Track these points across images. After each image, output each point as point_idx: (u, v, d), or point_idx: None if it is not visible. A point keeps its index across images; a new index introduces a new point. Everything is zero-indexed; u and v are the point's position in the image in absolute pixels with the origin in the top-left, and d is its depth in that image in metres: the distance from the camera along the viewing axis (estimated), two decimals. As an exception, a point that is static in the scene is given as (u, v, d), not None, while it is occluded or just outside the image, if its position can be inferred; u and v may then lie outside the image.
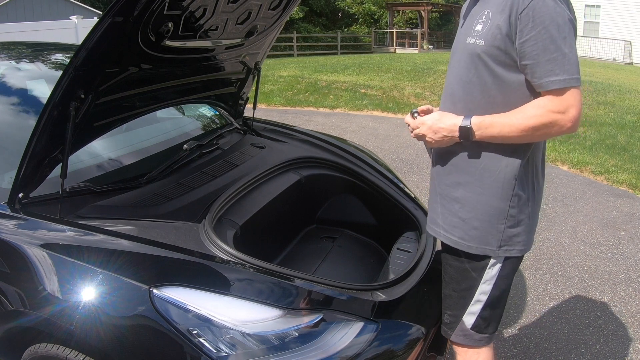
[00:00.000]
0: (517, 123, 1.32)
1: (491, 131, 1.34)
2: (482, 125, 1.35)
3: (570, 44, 1.26)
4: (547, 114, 1.29)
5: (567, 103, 1.27)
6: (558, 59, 1.25)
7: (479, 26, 1.36)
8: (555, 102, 1.28)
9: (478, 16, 1.38)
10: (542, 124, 1.29)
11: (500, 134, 1.34)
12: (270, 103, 8.54)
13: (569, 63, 1.25)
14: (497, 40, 1.31)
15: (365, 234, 2.28)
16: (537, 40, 1.25)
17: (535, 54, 1.26)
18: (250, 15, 1.80)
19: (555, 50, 1.24)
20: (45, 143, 1.44)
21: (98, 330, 1.28)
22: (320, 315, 1.36)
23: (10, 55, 2.42)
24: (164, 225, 1.55)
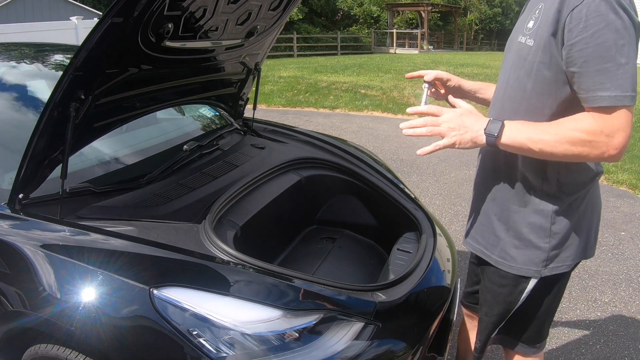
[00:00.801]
0: (551, 140, 1.12)
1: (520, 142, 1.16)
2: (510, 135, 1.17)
3: (629, 53, 1.04)
4: (589, 134, 1.08)
5: (615, 126, 1.07)
6: (611, 71, 1.04)
7: (531, 23, 1.18)
8: (600, 122, 1.08)
9: (532, 10, 1.20)
10: (581, 145, 1.09)
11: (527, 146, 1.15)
12: (271, 104, 8.54)
13: (624, 77, 1.04)
14: (544, 40, 1.13)
15: (366, 235, 2.28)
16: (587, 45, 1.05)
17: (583, 61, 1.06)
18: (250, 15, 1.80)
19: (609, 60, 1.04)
20: (45, 144, 1.44)
21: (98, 330, 1.28)
22: (321, 315, 1.36)
23: (10, 56, 2.42)
24: (164, 226, 1.56)
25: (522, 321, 1.46)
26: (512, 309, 1.42)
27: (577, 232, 1.32)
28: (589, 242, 1.37)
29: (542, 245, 1.31)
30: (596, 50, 1.05)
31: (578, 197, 1.30)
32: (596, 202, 1.37)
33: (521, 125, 1.18)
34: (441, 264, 1.80)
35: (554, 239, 1.30)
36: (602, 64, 1.05)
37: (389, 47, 23.63)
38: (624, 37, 1.04)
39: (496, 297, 1.43)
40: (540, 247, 1.31)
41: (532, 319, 1.45)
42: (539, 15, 1.17)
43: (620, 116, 1.07)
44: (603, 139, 1.08)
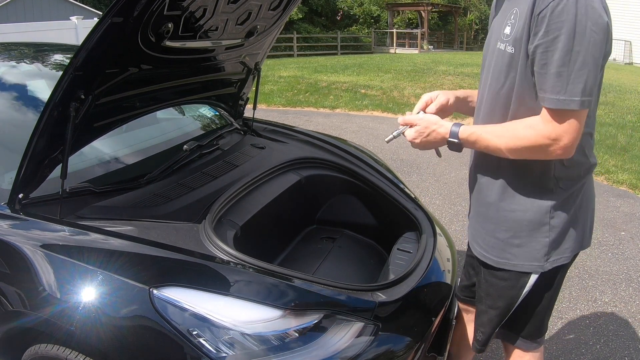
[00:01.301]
0: (504, 143, 1.20)
1: (478, 146, 1.26)
2: (469, 138, 1.27)
3: (585, 60, 1.07)
4: (536, 137, 1.16)
5: (560, 129, 1.13)
6: (563, 75, 1.08)
7: (507, 28, 1.21)
8: (548, 125, 1.14)
9: (507, 15, 1.23)
10: (530, 146, 1.18)
11: (487, 149, 1.25)
12: (271, 103, 8.54)
13: (575, 82, 1.08)
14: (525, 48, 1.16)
15: (366, 235, 2.28)
16: (547, 49, 1.09)
17: (543, 64, 1.11)
18: (250, 15, 1.80)
19: (564, 65, 1.08)
20: (45, 144, 1.44)
21: (98, 330, 1.28)
22: (321, 315, 1.36)
23: (10, 56, 2.42)
24: (164, 226, 1.55)
25: (524, 316, 1.47)
26: (515, 302, 1.43)
27: (575, 223, 1.35)
28: (585, 233, 1.41)
29: (542, 240, 1.33)
30: (554, 54, 1.09)
31: (574, 190, 1.32)
32: (591, 193, 1.41)
33: (480, 131, 1.26)
34: (441, 264, 1.80)
35: (553, 232, 1.32)
36: (558, 68, 1.09)
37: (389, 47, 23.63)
38: (581, 43, 1.07)
39: (499, 291, 1.44)
40: (541, 242, 1.33)
41: (533, 313, 1.46)
42: (515, 21, 1.19)
43: (567, 120, 1.12)
44: (548, 142, 1.15)
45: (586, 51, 1.08)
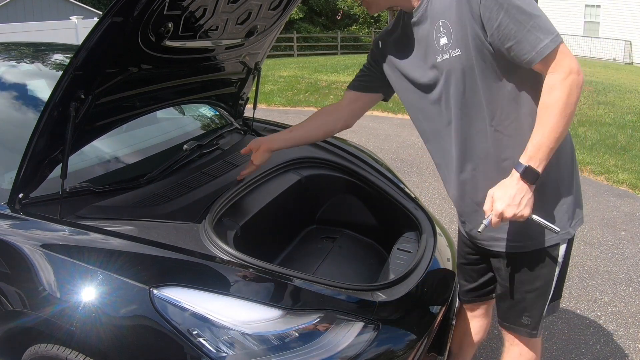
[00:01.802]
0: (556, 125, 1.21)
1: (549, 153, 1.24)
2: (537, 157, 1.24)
3: (536, 5, 1.22)
4: (564, 88, 1.20)
5: (567, 61, 1.21)
6: (535, 25, 1.20)
7: (443, 39, 1.30)
8: (558, 71, 1.21)
9: (433, 33, 1.33)
10: (570, 99, 1.20)
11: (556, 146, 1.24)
12: (271, 103, 8.54)
13: (545, 23, 1.21)
14: (473, 40, 1.26)
15: (366, 234, 2.28)
16: (510, 19, 1.20)
17: (514, 32, 1.21)
18: (250, 15, 1.80)
19: (530, 18, 1.20)
20: (45, 143, 1.44)
21: (98, 330, 1.28)
22: (321, 315, 1.36)
23: (10, 56, 2.42)
24: (164, 226, 1.55)
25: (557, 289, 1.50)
26: (552, 278, 1.45)
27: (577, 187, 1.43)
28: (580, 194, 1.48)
29: (562, 208, 1.39)
30: (517, 18, 1.20)
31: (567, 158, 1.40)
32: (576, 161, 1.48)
33: (533, 145, 1.24)
34: (441, 264, 1.80)
35: (568, 197, 1.39)
36: (528, 24, 1.20)
37: (389, 46, 23.59)
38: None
39: (534, 274, 1.44)
40: (561, 210, 1.39)
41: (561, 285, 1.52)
42: (448, 29, 1.29)
43: (563, 51, 1.21)
44: (571, 76, 1.21)
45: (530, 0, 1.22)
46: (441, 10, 1.30)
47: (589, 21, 21.60)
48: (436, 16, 1.31)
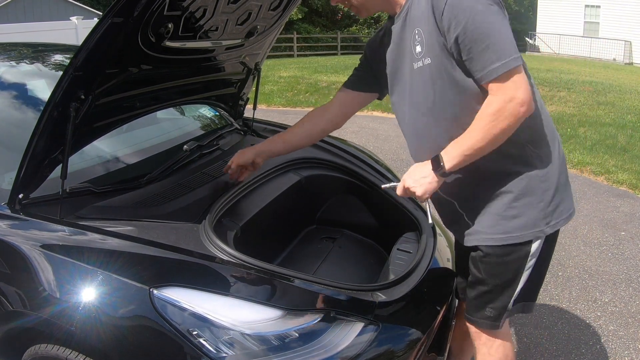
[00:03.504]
0: (481, 139, 1.26)
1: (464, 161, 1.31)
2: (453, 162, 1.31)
3: (498, 26, 1.20)
4: (498, 111, 1.23)
5: (511, 89, 1.21)
6: (491, 45, 1.19)
7: (418, 47, 1.32)
8: (499, 94, 1.23)
9: (408, 39, 1.35)
10: (500, 122, 1.23)
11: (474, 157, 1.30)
12: (271, 104, 8.54)
13: (502, 46, 1.19)
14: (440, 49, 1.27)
15: (365, 235, 2.28)
16: (465, 35, 1.20)
17: (468, 48, 1.21)
18: (250, 15, 1.80)
19: (486, 37, 1.19)
20: (45, 144, 1.44)
21: (98, 330, 1.28)
22: (321, 315, 1.36)
23: (10, 56, 2.42)
24: (164, 226, 1.55)
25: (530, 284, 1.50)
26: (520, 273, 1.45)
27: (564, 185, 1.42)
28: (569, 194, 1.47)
29: (537, 206, 1.38)
30: (473, 34, 1.19)
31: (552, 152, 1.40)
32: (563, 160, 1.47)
33: (452, 146, 1.32)
34: (441, 264, 1.80)
35: (547, 196, 1.38)
36: (483, 44, 1.19)
37: (389, 47, 23.58)
38: (488, 13, 1.19)
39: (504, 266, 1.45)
40: (537, 208, 1.38)
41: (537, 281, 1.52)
42: (422, 38, 1.31)
43: (512, 78, 1.21)
44: (509, 105, 1.22)
45: (496, 17, 1.20)
46: (417, 18, 1.31)
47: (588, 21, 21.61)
48: (413, 24, 1.33)
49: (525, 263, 1.44)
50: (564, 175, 1.45)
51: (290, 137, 1.79)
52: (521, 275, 1.45)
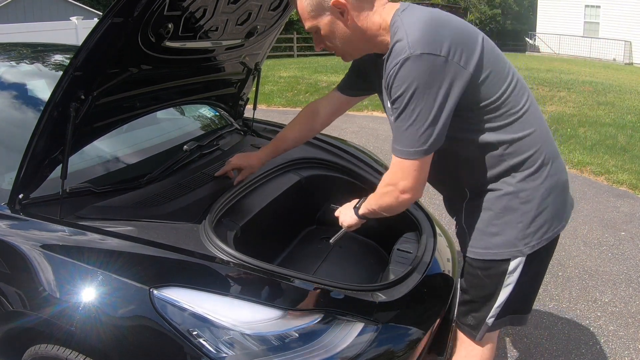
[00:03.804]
0: (376, 205, 1.41)
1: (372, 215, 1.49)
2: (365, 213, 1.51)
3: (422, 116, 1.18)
4: (383, 187, 1.34)
5: (399, 176, 1.27)
6: (408, 131, 1.21)
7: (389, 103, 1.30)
8: (389, 175, 1.31)
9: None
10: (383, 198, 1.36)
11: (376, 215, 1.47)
12: (271, 104, 8.54)
13: (415, 136, 1.20)
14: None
15: (365, 235, 2.28)
16: (399, 110, 1.21)
17: (395, 121, 1.23)
18: (250, 16, 1.80)
19: (408, 123, 1.20)
20: (45, 144, 1.44)
21: (98, 331, 1.28)
22: (321, 315, 1.36)
23: (10, 56, 2.42)
24: (164, 226, 1.55)
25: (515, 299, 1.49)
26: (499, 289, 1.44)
27: (548, 206, 1.37)
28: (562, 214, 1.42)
29: (517, 226, 1.37)
30: (403, 113, 1.21)
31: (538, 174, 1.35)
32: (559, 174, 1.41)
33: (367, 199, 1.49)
34: (441, 264, 1.80)
35: (527, 217, 1.36)
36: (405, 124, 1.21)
37: (389, 47, 23.57)
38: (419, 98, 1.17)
39: (482, 280, 1.46)
40: (516, 228, 1.37)
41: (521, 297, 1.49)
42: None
43: (404, 167, 1.26)
44: (390, 188, 1.31)
45: (424, 104, 1.18)
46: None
47: (588, 21, 21.62)
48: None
49: (503, 280, 1.42)
50: (555, 195, 1.38)
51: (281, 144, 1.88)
52: (499, 291, 1.44)
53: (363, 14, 1.28)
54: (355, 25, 1.28)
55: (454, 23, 1.23)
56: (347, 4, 1.25)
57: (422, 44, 1.15)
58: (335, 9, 1.26)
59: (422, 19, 1.21)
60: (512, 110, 1.30)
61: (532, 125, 1.35)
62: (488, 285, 1.46)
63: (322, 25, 1.30)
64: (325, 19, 1.29)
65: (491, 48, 1.28)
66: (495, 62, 1.27)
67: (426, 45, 1.15)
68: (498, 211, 1.38)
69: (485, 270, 1.44)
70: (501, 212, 1.37)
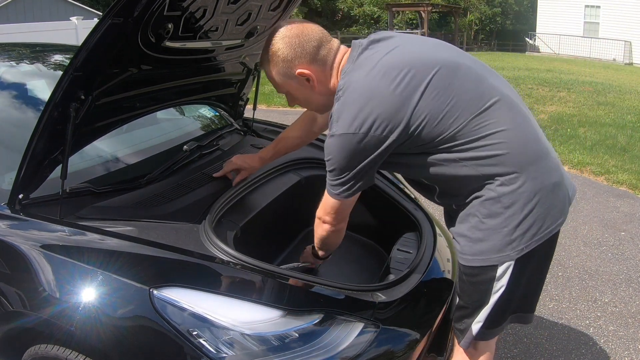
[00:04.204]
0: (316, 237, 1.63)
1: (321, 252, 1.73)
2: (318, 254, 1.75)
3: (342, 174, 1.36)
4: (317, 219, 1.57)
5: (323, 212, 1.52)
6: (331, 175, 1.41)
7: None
8: (320, 209, 1.54)
9: None
10: (316, 228, 1.59)
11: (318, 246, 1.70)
12: (271, 104, 8.54)
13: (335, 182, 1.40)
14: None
15: (365, 235, 2.28)
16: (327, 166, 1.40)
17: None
18: (250, 16, 1.80)
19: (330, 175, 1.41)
20: (45, 144, 1.44)
21: (98, 331, 1.28)
22: (321, 315, 1.36)
23: (10, 56, 2.42)
24: (164, 226, 1.55)
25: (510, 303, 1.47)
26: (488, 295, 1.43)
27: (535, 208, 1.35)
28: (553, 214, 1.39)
29: (502, 231, 1.35)
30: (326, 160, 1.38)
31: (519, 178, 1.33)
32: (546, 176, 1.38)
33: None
34: (441, 264, 1.80)
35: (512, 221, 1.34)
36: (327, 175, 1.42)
37: (389, 47, 23.56)
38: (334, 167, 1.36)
39: (472, 286, 1.46)
40: (501, 233, 1.35)
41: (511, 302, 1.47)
42: None
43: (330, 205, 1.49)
44: (318, 221, 1.56)
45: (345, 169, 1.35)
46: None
47: (588, 22, 21.63)
48: None
49: (492, 286, 1.41)
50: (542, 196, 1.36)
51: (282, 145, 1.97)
52: (489, 297, 1.43)
53: (327, 76, 1.42)
54: (322, 87, 1.43)
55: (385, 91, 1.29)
56: (312, 73, 1.39)
57: (343, 125, 1.30)
58: (302, 77, 1.40)
59: (357, 91, 1.30)
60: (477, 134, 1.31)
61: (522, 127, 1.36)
62: (477, 292, 1.45)
63: (291, 89, 1.46)
64: (293, 85, 1.44)
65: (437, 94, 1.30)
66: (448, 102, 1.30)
67: (347, 126, 1.29)
68: (482, 217, 1.37)
69: (474, 277, 1.44)
70: (485, 217, 1.37)
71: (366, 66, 1.34)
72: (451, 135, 1.31)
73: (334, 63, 1.42)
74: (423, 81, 1.29)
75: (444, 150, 1.33)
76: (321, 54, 1.40)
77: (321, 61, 1.40)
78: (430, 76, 1.30)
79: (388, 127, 1.28)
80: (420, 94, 1.29)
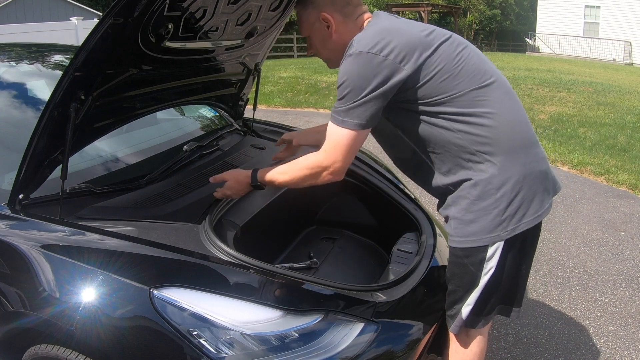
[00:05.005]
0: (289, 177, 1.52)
1: (274, 184, 1.59)
2: (265, 179, 1.60)
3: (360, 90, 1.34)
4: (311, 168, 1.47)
5: (332, 158, 1.42)
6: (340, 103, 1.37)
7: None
8: (322, 151, 1.43)
9: None
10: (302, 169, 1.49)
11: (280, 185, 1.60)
12: (271, 104, 8.54)
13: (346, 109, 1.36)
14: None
15: (365, 235, 2.28)
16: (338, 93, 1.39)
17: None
18: (250, 16, 1.80)
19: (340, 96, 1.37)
20: (45, 144, 1.44)
21: (98, 331, 1.28)
22: (321, 315, 1.36)
23: (10, 57, 2.42)
24: (164, 226, 1.56)
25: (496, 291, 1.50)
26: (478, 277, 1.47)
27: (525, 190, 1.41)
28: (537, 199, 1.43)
29: (493, 211, 1.40)
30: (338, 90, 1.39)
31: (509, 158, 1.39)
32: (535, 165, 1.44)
33: (270, 172, 1.58)
34: (441, 264, 1.80)
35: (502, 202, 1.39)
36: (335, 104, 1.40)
37: (389, 47, 23.58)
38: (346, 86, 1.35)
39: (463, 268, 1.49)
40: (492, 213, 1.40)
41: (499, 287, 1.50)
42: None
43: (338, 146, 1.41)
44: (320, 170, 1.45)
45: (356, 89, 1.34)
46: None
47: (588, 22, 21.64)
48: None
49: (482, 267, 1.45)
50: (531, 180, 1.42)
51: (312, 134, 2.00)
52: (479, 279, 1.46)
53: (344, 29, 1.48)
54: (338, 38, 1.49)
55: (408, 30, 1.39)
56: (332, 19, 1.46)
57: (363, 45, 1.34)
58: (323, 23, 1.48)
59: (378, 26, 1.40)
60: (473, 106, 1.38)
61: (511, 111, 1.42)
62: (468, 274, 1.48)
63: (312, 32, 1.52)
64: (315, 28, 1.50)
65: (450, 52, 1.39)
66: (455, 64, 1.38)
67: (367, 47, 1.33)
68: (473, 199, 1.41)
69: (464, 259, 1.47)
70: (476, 199, 1.41)
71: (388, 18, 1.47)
72: (450, 97, 1.37)
73: (356, 20, 1.50)
74: (443, 36, 1.42)
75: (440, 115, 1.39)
76: (347, 9, 1.49)
77: (345, 14, 1.48)
78: (448, 36, 1.43)
79: (406, 57, 1.34)
80: (440, 43, 1.39)
